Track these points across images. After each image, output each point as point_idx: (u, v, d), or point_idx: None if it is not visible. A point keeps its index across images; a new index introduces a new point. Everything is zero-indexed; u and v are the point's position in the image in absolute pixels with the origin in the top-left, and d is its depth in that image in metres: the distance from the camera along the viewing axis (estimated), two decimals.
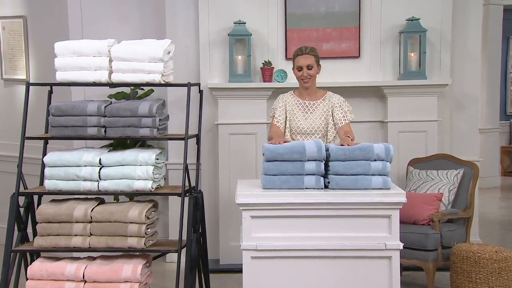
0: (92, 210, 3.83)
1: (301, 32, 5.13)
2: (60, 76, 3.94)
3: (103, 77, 3.93)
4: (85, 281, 3.69)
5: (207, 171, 5.24)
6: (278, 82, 5.06)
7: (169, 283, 4.80)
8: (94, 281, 3.68)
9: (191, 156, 4.55)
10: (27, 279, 3.73)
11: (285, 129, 3.93)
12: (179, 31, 5.21)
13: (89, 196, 4.02)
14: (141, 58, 3.88)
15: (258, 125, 5.00)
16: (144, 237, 3.79)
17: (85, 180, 3.87)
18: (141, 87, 5.03)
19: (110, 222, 3.79)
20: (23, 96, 3.94)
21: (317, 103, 3.89)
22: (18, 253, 3.82)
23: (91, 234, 3.78)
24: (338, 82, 5.05)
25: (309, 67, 3.81)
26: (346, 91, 5.09)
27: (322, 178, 3.29)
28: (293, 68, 3.88)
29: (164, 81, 3.98)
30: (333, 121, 3.87)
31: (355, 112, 5.13)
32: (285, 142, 3.39)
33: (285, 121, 3.92)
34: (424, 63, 5.08)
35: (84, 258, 3.86)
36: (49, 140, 4.06)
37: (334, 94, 3.93)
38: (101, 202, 4.04)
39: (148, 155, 3.91)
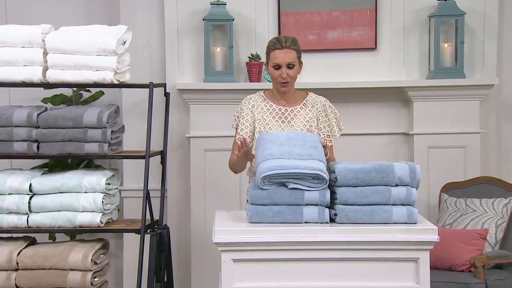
0: (19, 254, 3.79)
1: (299, 16, 5.15)
2: None
3: (35, 75, 3.92)
4: None
5: (175, 199, 5.22)
6: (269, 81, 5.07)
7: None
8: None
9: (154, 180, 4.53)
10: None
11: (252, 145, 3.75)
12: (138, 14, 5.22)
13: (15, 235, 3.98)
14: (87, 50, 3.89)
15: None
16: None
17: (9, 213, 3.85)
18: (87, 88, 5.02)
19: (43, 269, 3.75)
20: None
21: (296, 109, 3.83)
22: None
23: (17, 286, 3.74)
24: (348, 81, 5.07)
25: (290, 66, 3.73)
26: (359, 94, 5.13)
27: (327, 210, 3.29)
28: (266, 64, 3.85)
29: (118, 80, 3.98)
30: (319, 135, 3.74)
31: (370, 122, 5.20)
32: None
33: (253, 134, 3.78)
34: (462, 57, 5.11)
35: None
36: None
37: (318, 96, 3.90)
38: (32, 242, 4.00)
39: (96, 179, 3.89)
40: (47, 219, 3.85)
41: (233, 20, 5.05)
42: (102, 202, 3.86)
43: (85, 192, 3.89)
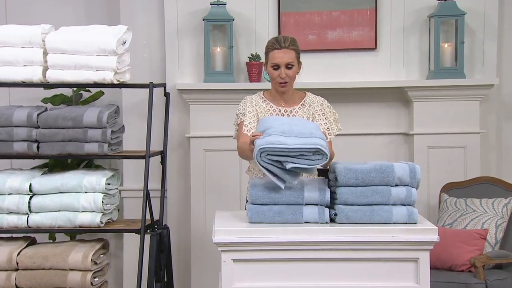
0: (18, 254, 3.79)
1: (299, 16, 5.15)
2: None
3: (35, 75, 3.92)
4: None
5: (175, 199, 5.22)
6: (269, 81, 5.07)
7: None
8: None
9: (154, 179, 4.53)
10: None
11: None
12: (138, 14, 5.21)
13: (15, 235, 3.98)
14: (87, 50, 3.89)
15: None
16: None
17: (9, 213, 3.85)
18: (87, 88, 5.02)
19: (43, 269, 3.75)
20: None
21: (295, 109, 3.85)
22: None
23: (17, 286, 3.74)
24: (348, 82, 5.06)
25: (289, 66, 3.76)
26: (359, 94, 5.13)
27: (327, 210, 3.29)
28: (265, 64, 3.87)
29: (118, 80, 3.98)
30: None
31: (370, 122, 5.20)
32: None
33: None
34: (462, 57, 5.11)
35: None
36: None
37: (316, 96, 3.92)
38: (32, 242, 4.00)
39: (96, 179, 3.89)
40: (47, 219, 3.85)
41: (233, 20, 5.04)
42: (102, 202, 3.86)
43: (85, 192, 3.89)
